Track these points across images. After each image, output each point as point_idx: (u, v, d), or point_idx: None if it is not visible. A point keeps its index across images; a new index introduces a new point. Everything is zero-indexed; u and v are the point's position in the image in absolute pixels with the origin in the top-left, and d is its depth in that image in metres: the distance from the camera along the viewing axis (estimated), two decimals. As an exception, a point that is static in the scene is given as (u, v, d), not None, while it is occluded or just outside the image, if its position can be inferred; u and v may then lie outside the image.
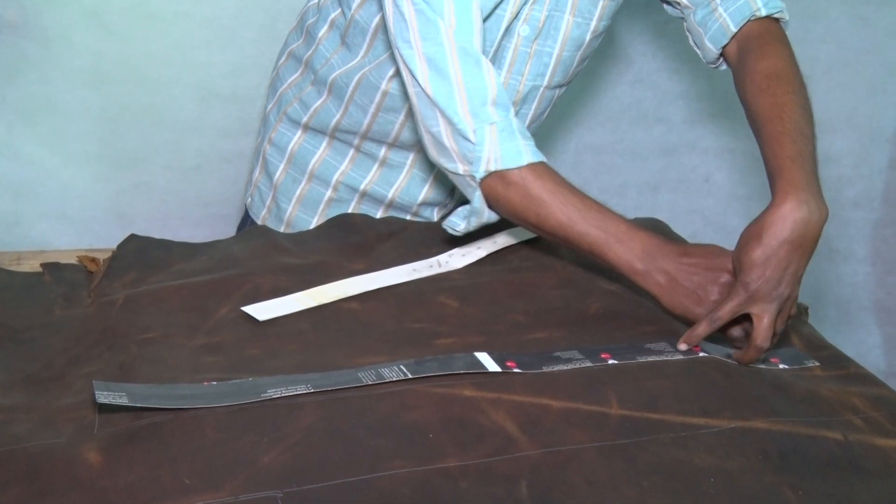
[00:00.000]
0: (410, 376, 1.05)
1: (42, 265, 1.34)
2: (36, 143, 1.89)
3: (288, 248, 1.39)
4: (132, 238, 1.38)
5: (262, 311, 1.19)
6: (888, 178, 2.29)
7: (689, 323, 1.19)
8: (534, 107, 1.49)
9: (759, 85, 1.30)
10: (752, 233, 1.16)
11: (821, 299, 2.30)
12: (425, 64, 1.24)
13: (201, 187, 1.98)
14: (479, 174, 1.24)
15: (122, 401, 0.95)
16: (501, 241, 1.42)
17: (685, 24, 1.47)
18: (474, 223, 1.30)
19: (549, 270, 1.36)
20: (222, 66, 1.88)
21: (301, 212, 1.60)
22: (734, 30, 1.39)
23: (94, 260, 1.35)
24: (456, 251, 1.38)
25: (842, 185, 2.29)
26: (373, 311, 1.22)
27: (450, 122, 1.24)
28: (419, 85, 1.25)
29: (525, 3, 1.36)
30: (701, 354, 1.16)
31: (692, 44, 1.48)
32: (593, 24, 1.43)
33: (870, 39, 2.18)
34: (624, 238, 1.21)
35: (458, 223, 1.31)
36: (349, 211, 1.59)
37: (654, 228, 1.54)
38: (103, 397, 0.95)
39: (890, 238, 2.32)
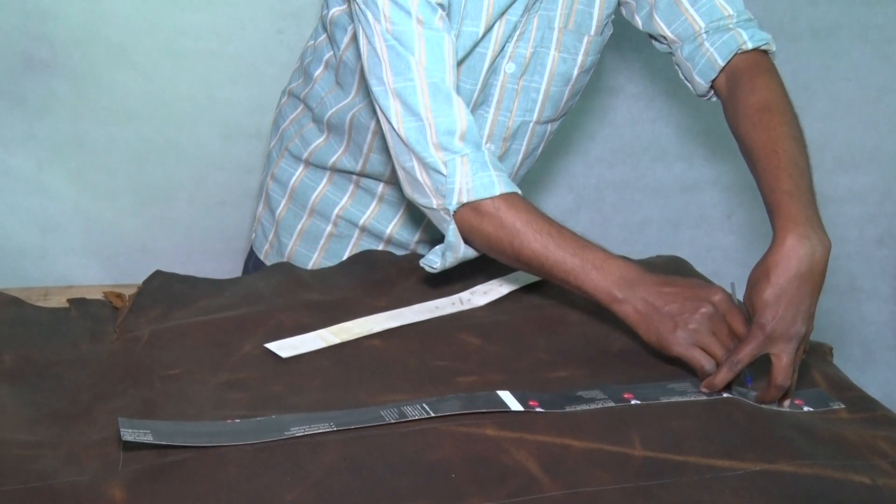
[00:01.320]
0: (433, 414, 1.04)
1: (69, 301, 1.34)
2: (64, 179, 1.90)
3: (311, 285, 1.39)
4: (157, 274, 1.39)
5: (285, 348, 1.19)
6: (911, 217, 2.28)
7: (663, 355, 1.18)
8: (525, 142, 1.49)
9: (752, 119, 1.31)
10: (760, 274, 1.15)
11: (845, 338, 2.28)
12: (397, 100, 1.24)
13: (225, 222, 1.99)
14: (453, 206, 1.23)
15: (147, 438, 0.96)
16: (523, 278, 1.42)
17: (674, 58, 1.47)
18: (450, 259, 1.28)
19: (570, 307, 1.35)
20: (246, 104, 1.90)
21: (301, 247, 1.60)
22: (722, 64, 1.39)
23: (119, 296, 1.35)
24: (478, 288, 1.38)
25: (865, 222, 2.27)
26: (395, 348, 1.22)
27: (420, 158, 1.24)
28: (390, 122, 1.25)
29: (509, 41, 1.37)
30: (725, 395, 1.15)
31: (682, 77, 1.48)
32: (580, 59, 1.43)
33: (891, 77, 2.18)
34: (601, 265, 1.19)
35: (434, 260, 1.29)
36: (349, 247, 1.59)
37: (675, 265, 1.55)
38: (128, 435, 0.95)
39: (914, 276, 2.31)
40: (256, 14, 1.86)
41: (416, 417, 1.04)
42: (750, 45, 1.38)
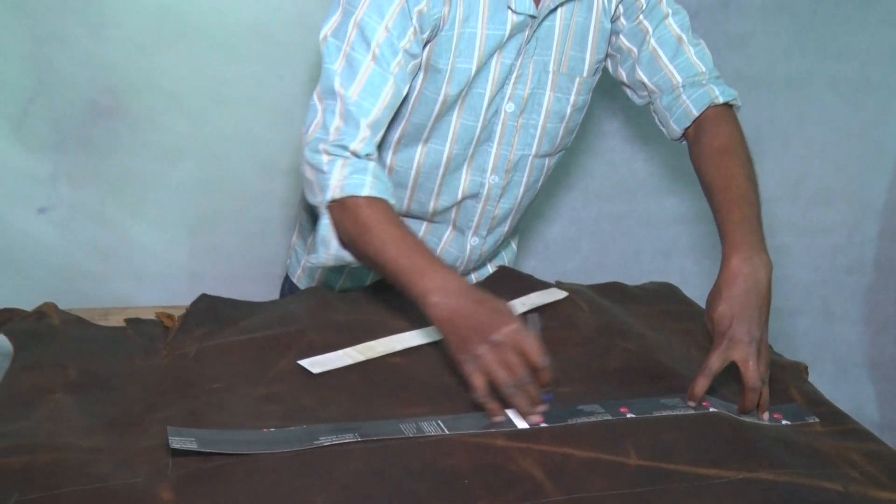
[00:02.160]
0: (447, 432, 1.04)
1: (126, 320, 1.35)
2: (122, 211, 1.91)
3: (339, 307, 1.38)
4: (203, 297, 1.39)
5: (316, 364, 1.19)
6: (878, 247, 2.27)
7: (460, 369, 1.12)
8: (526, 174, 1.47)
9: (713, 159, 1.34)
10: (714, 293, 1.19)
11: (819, 357, 2.26)
12: (319, 116, 1.26)
13: (264, 250, 1.99)
14: (326, 201, 1.23)
15: (192, 446, 0.96)
16: (530, 302, 1.41)
17: (651, 106, 1.47)
18: (323, 254, 1.27)
19: (572, 330, 1.34)
20: (283, 144, 1.90)
21: (330, 271, 1.59)
22: (696, 114, 1.40)
23: (170, 316, 1.36)
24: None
25: (837, 252, 2.26)
26: (414, 365, 1.22)
27: (311, 162, 1.25)
28: (307, 129, 1.27)
29: (506, 83, 1.36)
30: (711, 410, 1.14)
31: (658, 122, 1.49)
32: (572, 98, 1.43)
33: (858, 123, 2.17)
34: (427, 272, 1.15)
35: (312, 255, 1.30)
36: (371, 273, 1.57)
37: (666, 291, 1.54)
38: (176, 442, 0.96)
39: (881, 301, 2.29)
40: (292, 66, 1.87)
41: (433, 434, 1.03)
42: (721, 100, 1.40)
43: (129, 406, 1.10)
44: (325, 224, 1.25)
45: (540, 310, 1.39)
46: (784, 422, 1.17)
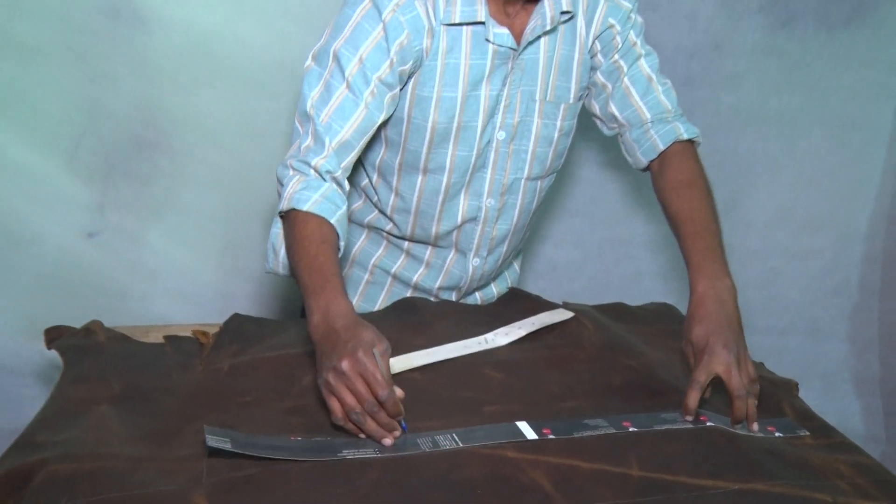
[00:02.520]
0: (461, 445, 1.03)
1: (165, 337, 1.35)
2: (163, 236, 1.92)
3: (361, 327, 1.38)
4: (235, 316, 1.39)
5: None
6: (862, 270, 2.25)
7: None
8: (520, 196, 1.47)
9: (677, 191, 1.36)
10: (688, 320, 1.21)
11: (808, 373, 2.24)
12: (296, 134, 1.27)
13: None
14: (279, 210, 1.22)
15: (226, 446, 0.97)
16: (538, 322, 1.40)
17: (620, 137, 1.49)
18: (271, 261, 1.27)
19: (578, 348, 1.33)
20: None
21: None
22: (662, 148, 1.42)
23: (205, 333, 1.35)
24: (500, 330, 1.36)
25: (824, 275, 2.25)
26: (430, 381, 1.21)
27: (279, 174, 1.25)
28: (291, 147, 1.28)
29: (496, 112, 1.36)
30: (708, 424, 1.13)
31: (624, 152, 1.50)
32: (559, 123, 1.43)
33: (843, 155, 2.17)
34: (319, 293, 1.10)
35: (266, 262, 1.30)
36: (383, 292, 1.57)
37: (665, 310, 1.53)
38: (212, 441, 0.96)
39: (865, 320, 2.27)
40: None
41: (448, 448, 1.02)
42: (685, 137, 1.42)
43: (167, 417, 1.10)
44: (275, 232, 1.25)
45: (548, 329, 1.39)
46: (777, 434, 1.16)
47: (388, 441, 1.01)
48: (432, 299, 1.55)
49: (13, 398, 1.88)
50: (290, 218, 1.21)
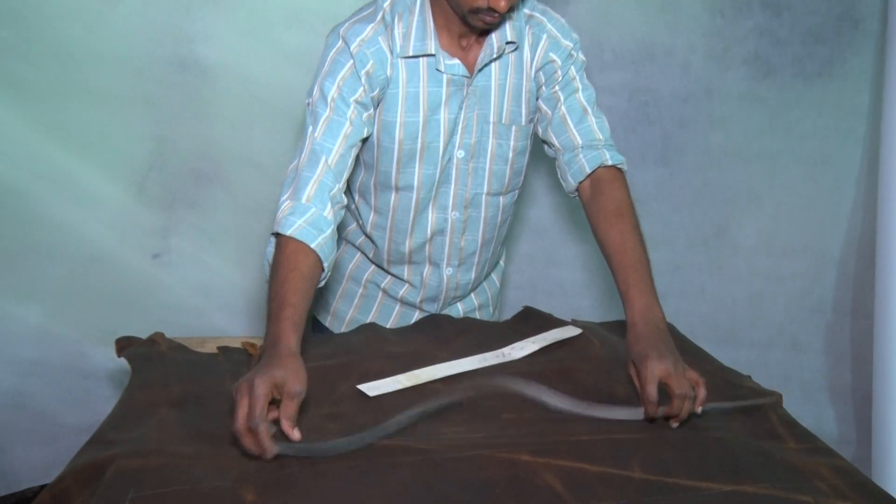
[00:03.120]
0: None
1: (218, 348, 1.34)
2: (218, 258, 1.93)
3: (391, 340, 1.36)
4: (279, 330, 1.38)
5: (372, 388, 1.16)
6: (836, 292, 2.22)
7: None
8: (482, 210, 1.45)
9: (608, 220, 1.32)
10: (628, 346, 1.18)
11: (788, 382, 2.22)
12: (295, 156, 1.26)
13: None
14: (272, 231, 1.21)
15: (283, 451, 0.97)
16: (550, 337, 1.38)
17: (556, 161, 1.44)
18: (267, 269, 1.21)
19: (585, 362, 1.31)
20: None
21: (341, 304, 1.56)
22: (588, 171, 1.37)
23: (253, 345, 1.34)
24: (516, 345, 1.34)
25: (803, 295, 2.22)
26: (451, 390, 1.17)
27: (280, 199, 1.23)
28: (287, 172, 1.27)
29: (455, 133, 1.36)
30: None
31: (559, 176, 1.44)
32: (512, 143, 1.41)
33: (818, 190, 2.14)
34: (274, 322, 1.08)
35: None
36: (375, 304, 1.54)
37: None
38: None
39: (838, 336, 2.24)
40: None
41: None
42: (609, 163, 1.37)
43: (220, 420, 1.08)
44: (269, 251, 1.23)
45: (559, 344, 1.37)
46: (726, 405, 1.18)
47: (270, 448, 0.95)
48: (418, 312, 1.53)
49: (88, 398, 1.89)
50: (277, 239, 1.19)
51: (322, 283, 1.21)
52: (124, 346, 1.33)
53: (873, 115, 2.05)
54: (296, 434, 0.97)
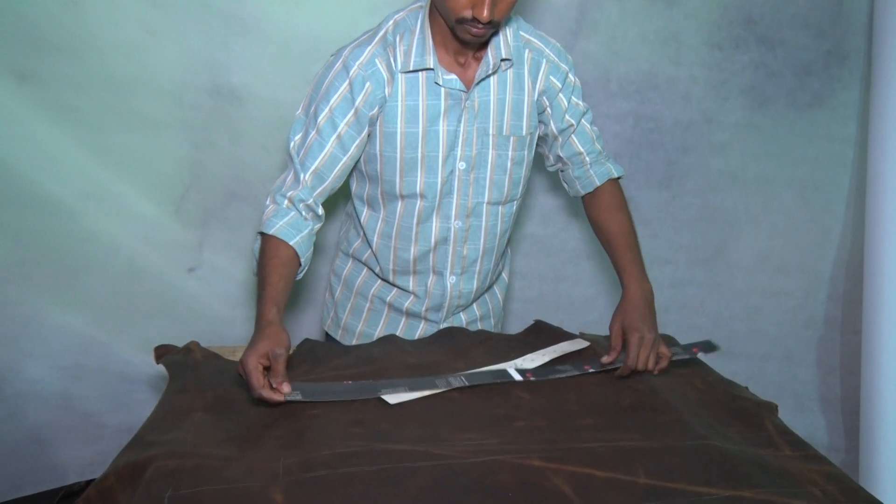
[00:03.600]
0: (467, 383, 1.19)
1: (249, 357, 1.34)
2: (248, 272, 1.93)
3: (410, 351, 1.36)
4: (306, 341, 1.38)
5: (394, 397, 1.16)
6: (826, 308, 2.21)
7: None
8: (483, 219, 1.45)
9: (609, 212, 1.46)
10: (622, 309, 1.35)
11: (782, 393, 2.20)
12: (285, 168, 1.33)
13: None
14: (257, 230, 1.28)
15: (298, 397, 1.10)
16: (560, 350, 1.37)
17: (562, 172, 1.52)
18: (254, 263, 1.30)
19: (593, 374, 1.30)
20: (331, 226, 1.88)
21: (351, 318, 1.56)
22: (598, 184, 1.48)
23: (282, 354, 1.34)
24: (528, 357, 1.33)
25: (796, 311, 2.21)
26: (468, 399, 1.18)
27: (265, 203, 1.30)
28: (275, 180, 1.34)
29: (455, 145, 1.36)
30: (590, 371, 1.29)
31: (564, 182, 1.54)
32: (510, 153, 1.41)
33: (810, 212, 2.14)
34: (259, 300, 1.20)
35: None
36: (382, 317, 1.54)
37: (666, 342, 1.48)
38: (288, 397, 1.10)
39: (829, 349, 2.22)
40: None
41: (457, 385, 1.17)
42: (615, 175, 1.48)
43: (250, 425, 1.08)
44: (256, 247, 1.30)
45: (568, 356, 1.36)
46: (700, 354, 1.30)
47: (276, 397, 1.10)
48: (423, 322, 1.53)
49: (128, 401, 1.89)
50: (261, 238, 1.27)
51: (300, 276, 1.30)
52: (162, 353, 1.32)
53: (860, 144, 2.05)
54: (285, 388, 1.11)
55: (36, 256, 1.75)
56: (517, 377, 1.17)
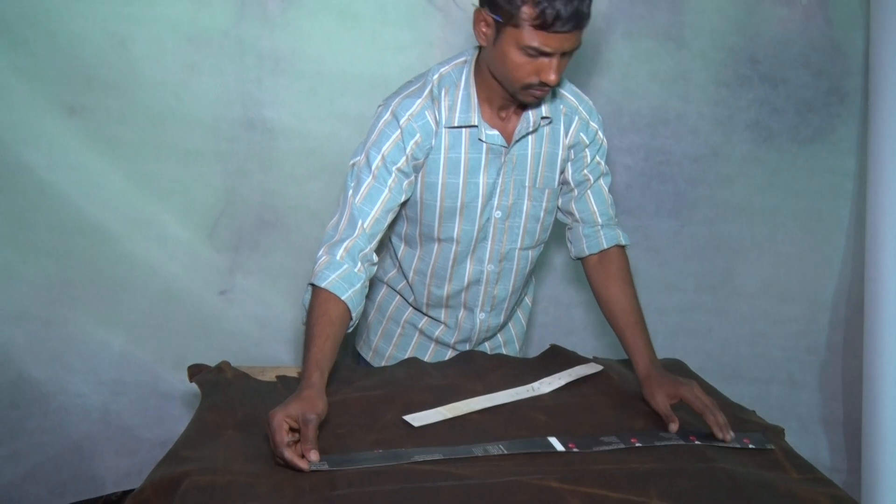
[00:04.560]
0: (506, 452, 1.05)
1: (276, 376, 1.33)
2: (277, 294, 1.93)
3: (431, 373, 1.35)
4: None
5: (416, 419, 1.15)
6: (829, 333, 2.18)
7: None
8: (515, 263, 1.44)
9: (617, 284, 1.40)
10: (650, 390, 1.25)
11: (787, 416, 2.16)
12: (336, 213, 1.28)
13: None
14: (309, 282, 1.22)
15: (324, 467, 0.99)
16: (574, 374, 1.36)
17: (570, 229, 1.47)
18: (303, 317, 1.23)
19: (606, 396, 1.29)
20: None
21: (382, 342, 1.54)
22: (605, 247, 1.43)
23: (308, 375, 1.34)
24: (544, 380, 1.32)
25: (799, 337, 2.18)
26: (487, 420, 1.17)
27: (318, 254, 1.24)
28: (326, 229, 1.28)
29: (493, 196, 1.35)
30: (696, 442, 1.14)
31: (568, 239, 1.48)
32: (544, 204, 1.41)
33: (812, 242, 2.11)
34: (303, 362, 1.14)
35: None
36: (412, 343, 1.51)
37: (676, 366, 1.47)
38: (314, 466, 0.99)
39: (831, 374, 2.19)
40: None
41: (495, 454, 1.05)
42: (623, 242, 1.44)
43: (279, 442, 1.08)
44: (305, 298, 1.23)
45: (583, 379, 1.35)
46: (751, 445, 1.15)
47: (301, 464, 0.99)
48: (451, 351, 1.51)
49: (163, 416, 1.89)
50: (312, 290, 1.21)
51: (351, 329, 1.24)
52: (195, 372, 1.33)
53: (859, 177, 2.04)
54: (313, 456, 1.00)
55: (79, 278, 1.77)
56: (559, 447, 1.07)
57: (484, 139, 1.30)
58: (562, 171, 1.40)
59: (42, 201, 1.68)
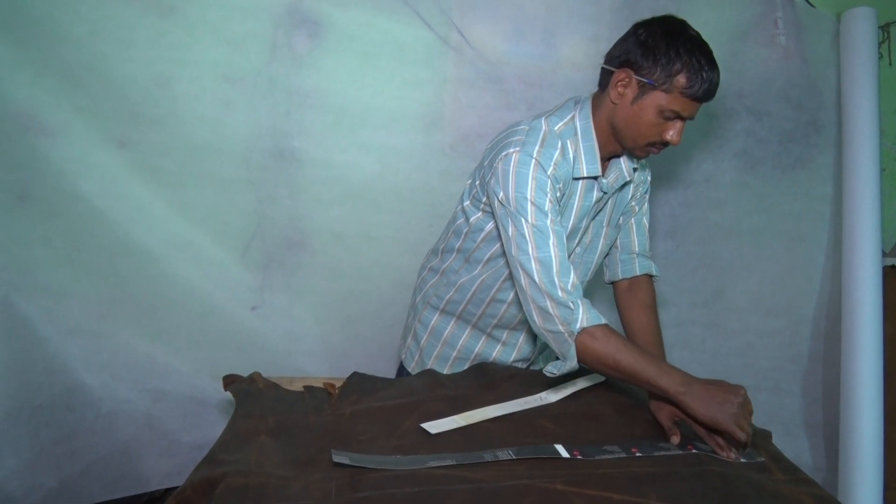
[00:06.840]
0: (514, 457, 1.04)
1: (304, 387, 1.34)
2: (304, 310, 1.93)
3: (446, 384, 1.35)
4: (354, 374, 1.38)
5: (433, 427, 1.15)
6: (810, 345, 2.16)
7: (713, 428, 1.13)
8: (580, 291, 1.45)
9: (643, 310, 1.42)
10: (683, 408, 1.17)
11: (772, 420, 2.13)
12: (538, 264, 1.19)
13: (393, 339, 1.96)
14: (576, 330, 1.16)
15: (345, 461, 1.00)
16: (580, 384, 1.35)
17: (607, 256, 1.47)
18: (566, 368, 1.19)
19: (610, 405, 1.28)
20: (411, 267, 1.85)
21: (436, 365, 1.49)
22: (638, 273, 1.45)
23: (333, 385, 1.34)
24: (551, 390, 1.32)
25: (784, 348, 2.16)
26: (498, 428, 1.17)
27: (555, 300, 1.18)
28: (532, 278, 1.19)
29: (584, 234, 1.36)
30: (693, 451, 1.11)
31: (605, 265, 1.49)
32: (611, 241, 1.43)
33: (796, 261, 2.11)
34: (669, 371, 1.14)
35: (553, 371, 1.22)
36: (466, 366, 1.48)
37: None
38: (336, 457, 1.00)
39: (813, 381, 2.17)
40: (418, 215, 1.88)
41: (504, 459, 1.04)
42: (654, 273, 1.46)
43: (306, 448, 1.08)
44: (573, 348, 1.17)
45: (587, 389, 1.34)
46: (742, 459, 1.13)
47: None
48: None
49: (201, 422, 1.89)
50: (594, 333, 1.16)
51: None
52: (230, 382, 1.33)
53: (835, 201, 2.05)
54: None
55: (125, 295, 1.78)
56: (565, 454, 1.06)
57: (605, 189, 1.30)
58: (624, 212, 1.42)
59: (94, 226, 1.70)
